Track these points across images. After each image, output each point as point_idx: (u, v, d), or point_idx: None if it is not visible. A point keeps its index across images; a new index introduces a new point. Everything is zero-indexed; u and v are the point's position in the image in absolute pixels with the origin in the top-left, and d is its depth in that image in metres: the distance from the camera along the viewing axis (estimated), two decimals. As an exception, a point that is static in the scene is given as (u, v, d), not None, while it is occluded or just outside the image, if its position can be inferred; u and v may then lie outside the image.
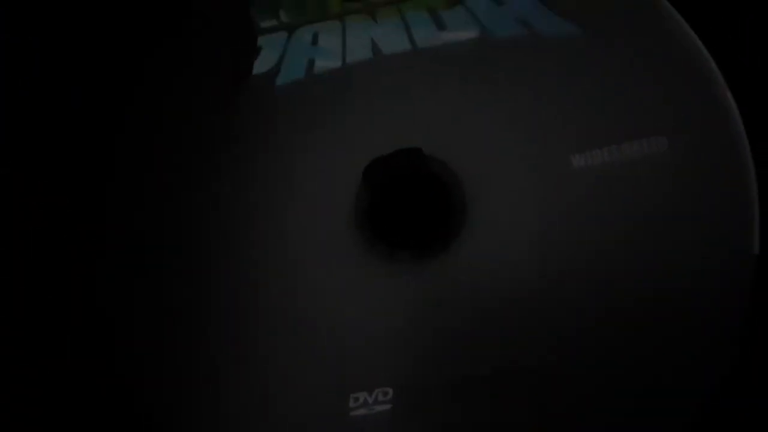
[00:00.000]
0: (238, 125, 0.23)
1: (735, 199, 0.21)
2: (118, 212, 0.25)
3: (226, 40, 0.25)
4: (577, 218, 0.21)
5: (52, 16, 0.33)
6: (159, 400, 0.21)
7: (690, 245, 0.20)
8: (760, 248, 0.21)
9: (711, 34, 0.23)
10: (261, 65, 0.24)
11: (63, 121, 0.30)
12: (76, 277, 0.26)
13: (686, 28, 0.22)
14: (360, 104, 0.22)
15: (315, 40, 0.24)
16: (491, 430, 0.19)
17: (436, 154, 0.22)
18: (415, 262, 0.21)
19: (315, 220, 0.22)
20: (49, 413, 0.25)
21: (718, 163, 0.21)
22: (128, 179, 0.25)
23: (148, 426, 0.21)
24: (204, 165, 0.23)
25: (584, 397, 0.19)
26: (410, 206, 0.22)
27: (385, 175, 0.21)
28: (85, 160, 0.28)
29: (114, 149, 0.26)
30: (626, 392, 0.19)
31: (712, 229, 0.20)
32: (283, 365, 0.21)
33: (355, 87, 0.23)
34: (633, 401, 0.19)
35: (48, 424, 0.25)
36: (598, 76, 0.22)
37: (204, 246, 0.22)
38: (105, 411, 0.23)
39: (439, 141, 0.22)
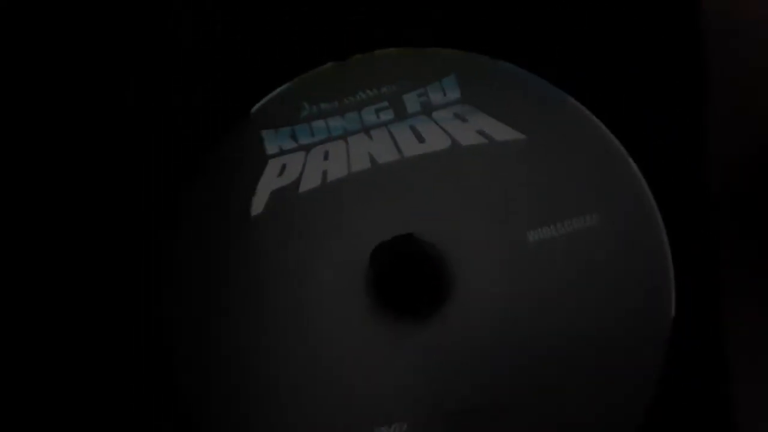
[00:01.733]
0: (271, 225, 0.29)
1: (653, 266, 0.27)
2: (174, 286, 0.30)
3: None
4: (534, 281, 0.27)
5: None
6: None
7: (618, 305, 0.26)
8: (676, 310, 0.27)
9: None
10: (286, 178, 0.29)
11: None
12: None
13: (602, 126, 0.28)
14: (363, 202, 0.29)
15: (326, 156, 0.30)
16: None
17: (426, 237, 0.28)
18: (415, 322, 0.27)
19: (335, 294, 0.27)
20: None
21: (638, 232, 0.27)
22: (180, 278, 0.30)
23: None
24: (241, 254, 0.29)
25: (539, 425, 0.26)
26: (408, 279, 0.27)
27: (387, 256, 0.27)
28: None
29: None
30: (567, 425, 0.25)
31: (635, 293, 0.26)
32: (316, 410, 0.26)
33: (359, 189, 0.29)
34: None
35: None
36: (542, 169, 0.28)
37: (243, 320, 0.28)
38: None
39: (426, 227, 0.28)
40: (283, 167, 0.29)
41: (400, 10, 0.39)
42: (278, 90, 0.31)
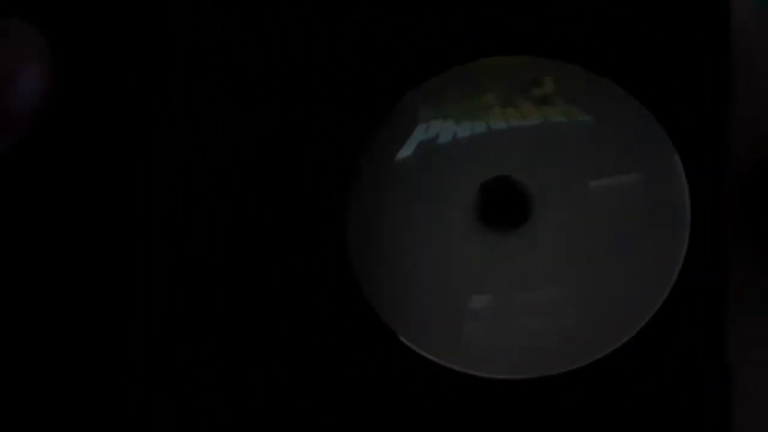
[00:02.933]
0: (415, 166, 0.38)
1: (674, 219, 0.36)
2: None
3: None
4: (590, 216, 0.37)
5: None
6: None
7: (642, 237, 0.37)
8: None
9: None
10: (429, 134, 0.39)
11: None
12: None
13: (650, 116, 0.37)
14: (479, 152, 0.38)
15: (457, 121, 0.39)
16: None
17: (517, 177, 0.37)
18: (504, 234, 0.37)
19: (453, 212, 0.38)
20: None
21: (668, 189, 0.37)
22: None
23: None
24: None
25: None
26: (502, 204, 0.37)
27: (492, 189, 0.37)
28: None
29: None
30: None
31: (657, 231, 0.36)
32: (438, 283, 0.37)
33: (477, 144, 0.38)
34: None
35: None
36: (603, 141, 0.37)
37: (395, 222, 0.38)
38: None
39: (518, 171, 0.37)
40: (428, 127, 0.39)
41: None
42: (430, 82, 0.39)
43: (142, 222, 0.38)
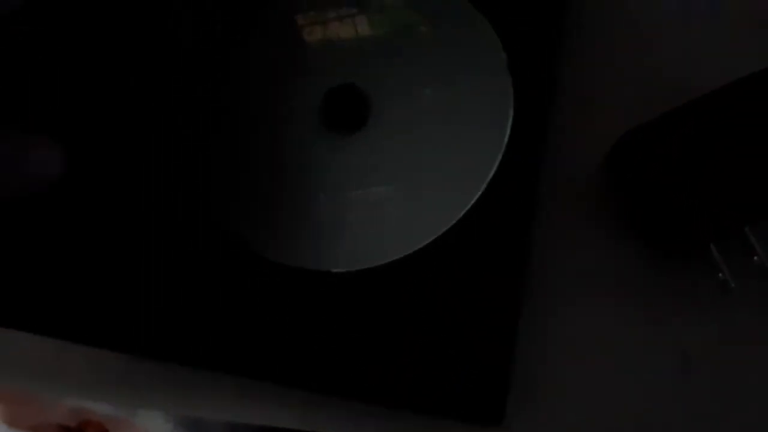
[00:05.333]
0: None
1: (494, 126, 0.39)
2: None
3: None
4: (421, 121, 0.39)
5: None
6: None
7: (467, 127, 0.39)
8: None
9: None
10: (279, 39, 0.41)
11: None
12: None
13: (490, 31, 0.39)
14: (328, 59, 0.40)
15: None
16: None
17: (360, 85, 0.40)
18: (346, 134, 0.39)
19: (300, 114, 0.40)
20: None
21: (494, 105, 0.39)
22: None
23: None
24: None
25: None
26: (345, 108, 0.39)
27: (336, 95, 0.40)
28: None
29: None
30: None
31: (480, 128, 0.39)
32: (282, 182, 0.39)
33: (329, 51, 0.41)
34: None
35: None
36: (439, 53, 0.40)
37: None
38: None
39: (361, 79, 0.40)
40: (279, 33, 0.41)
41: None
42: None
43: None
